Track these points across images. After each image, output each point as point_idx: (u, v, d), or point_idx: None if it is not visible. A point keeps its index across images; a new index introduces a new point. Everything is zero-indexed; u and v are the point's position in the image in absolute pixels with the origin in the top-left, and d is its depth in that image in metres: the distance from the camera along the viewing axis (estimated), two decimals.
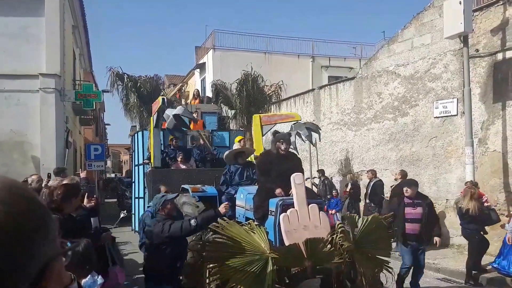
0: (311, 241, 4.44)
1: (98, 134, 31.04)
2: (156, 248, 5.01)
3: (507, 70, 9.58)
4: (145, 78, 16.70)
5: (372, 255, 4.98)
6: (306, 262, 4.47)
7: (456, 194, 10.60)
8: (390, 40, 13.01)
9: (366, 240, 4.90)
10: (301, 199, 4.97)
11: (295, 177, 5.11)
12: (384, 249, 5.17)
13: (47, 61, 12.83)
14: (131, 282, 8.16)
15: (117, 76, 16.32)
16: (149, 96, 15.76)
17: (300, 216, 4.89)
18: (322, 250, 4.52)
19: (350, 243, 4.64)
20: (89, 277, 3.52)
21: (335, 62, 25.20)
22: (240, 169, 7.58)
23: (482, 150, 10.04)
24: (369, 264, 4.84)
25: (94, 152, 17.34)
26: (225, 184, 7.53)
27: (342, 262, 4.59)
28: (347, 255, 4.58)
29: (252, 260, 4.42)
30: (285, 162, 5.87)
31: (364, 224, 4.96)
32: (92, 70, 26.21)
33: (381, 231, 5.12)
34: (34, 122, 12.70)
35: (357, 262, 4.67)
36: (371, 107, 13.26)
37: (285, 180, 5.49)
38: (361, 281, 4.69)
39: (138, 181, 12.14)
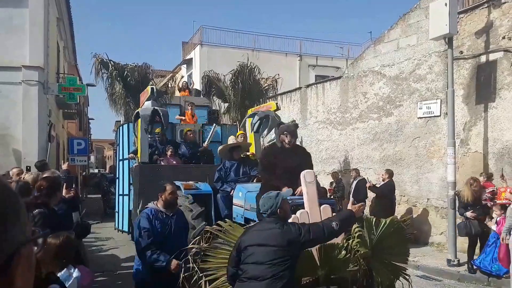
0: (325, 247, 4.01)
1: (82, 129, 30.69)
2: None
3: (490, 73, 9.72)
4: (133, 66, 15.40)
5: (389, 262, 4.54)
6: (319, 270, 4.06)
7: (437, 194, 10.78)
8: (377, 40, 13.10)
9: (383, 246, 4.44)
10: (312, 199, 4.52)
11: (305, 174, 4.64)
12: (401, 255, 4.71)
13: (31, 53, 12.66)
14: (114, 277, 8.13)
15: (101, 63, 15.15)
16: (136, 86, 14.71)
17: (311, 218, 4.40)
18: (337, 257, 4.09)
19: (367, 248, 4.21)
20: (65, 270, 3.50)
21: (323, 62, 25.35)
22: (236, 165, 7.13)
23: (464, 150, 10.19)
24: (386, 271, 4.43)
25: (77, 147, 17.18)
26: (220, 181, 7.06)
27: (357, 270, 4.16)
28: (363, 262, 4.16)
29: None
30: (292, 156, 5.39)
31: (382, 228, 4.45)
32: (77, 64, 25.93)
33: (398, 235, 4.65)
34: (16, 115, 12.52)
35: (374, 270, 4.28)
36: (357, 107, 13.35)
37: (291, 177, 5.10)
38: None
39: (123, 177, 11.63)
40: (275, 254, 3.44)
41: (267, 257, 3.43)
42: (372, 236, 4.34)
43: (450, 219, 9.08)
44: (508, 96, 9.39)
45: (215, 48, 23.27)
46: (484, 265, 8.02)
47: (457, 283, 8.10)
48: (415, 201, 11.40)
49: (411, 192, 11.50)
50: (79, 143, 17.55)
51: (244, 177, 6.98)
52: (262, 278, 3.37)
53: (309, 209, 4.44)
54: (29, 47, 12.63)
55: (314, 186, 4.60)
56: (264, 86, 15.76)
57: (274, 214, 3.70)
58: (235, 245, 3.74)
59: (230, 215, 6.24)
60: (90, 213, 16.61)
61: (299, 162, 5.22)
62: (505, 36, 9.47)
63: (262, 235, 3.57)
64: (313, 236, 3.60)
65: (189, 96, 12.86)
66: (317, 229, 3.68)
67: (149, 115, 8.12)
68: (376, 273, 4.27)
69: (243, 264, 3.53)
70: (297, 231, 3.57)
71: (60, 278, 3.39)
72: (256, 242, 3.54)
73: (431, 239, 10.81)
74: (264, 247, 3.48)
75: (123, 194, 11.59)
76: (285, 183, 5.09)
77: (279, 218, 3.68)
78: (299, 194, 4.98)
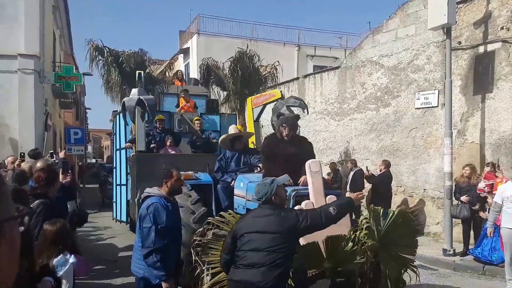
0: (331, 239, 3.90)
1: (79, 118, 30.62)
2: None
3: (488, 63, 9.71)
4: (129, 53, 14.97)
5: (397, 254, 4.42)
6: (326, 263, 3.97)
7: (434, 184, 10.82)
8: (375, 30, 13.05)
9: (391, 237, 4.31)
10: (317, 189, 4.39)
11: (311, 164, 4.50)
12: (409, 246, 4.59)
13: (26, 42, 12.57)
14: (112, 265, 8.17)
15: (97, 49, 14.61)
16: (132, 73, 13.76)
17: None
18: (343, 250, 3.99)
19: (374, 240, 4.09)
20: (61, 256, 3.58)
21: (321, 52, 25.27)
22: (236, 154, 6.92)
23: (461, 141, 10.21)
24: (394, 264, 4.30)
25: (74, 136, 17.11)
26: (220, 171, 6.84)
27: (365, 263, 4.06)
28: (370, 255, 4.05)
29: None
30: (293, 146, 5.26)
31: (390, 219, 4.32)
32: (73, 52, 25.74)
33: (406, 227, 4.51)
34: (12, 104, 12.47)
35: (381, 262, 4.16)
36: (355, 97, 13.33)
37: (292, 167, 4.97)
38: (385, 284, 4.21)
39: (120, 167, 11.41)
40: (274, 241, 3.41)
41: (265, 244, 3.40)
42: (379, 227, 4.22)
43: (446, 209, 9.12)
44: (505, 87, 9.39)
45: (213, 38, 23.15)
46: (483, 255, 8.13)
47: (453, 272, 8.18)
48: (412, 192, 11.44)
49: (407, 183, 11.54)
50: (76, 133, 17.47)
51: (245, 167, 6.79)
52: (260, 265, 3.35)
53: (315, 200, 4.30)
54: (25, 35, 12.53)
55: (320, 176, 4.46)
56: (264, 74, 15.33)
57: (269, 201, 3.64)
58: (229, 232, 3.68)
59: (231, 206, 6.09)
60: (88, 202, 16.65)
61: (301, 152, 5.13)
62: (503, 27, 9.44)
63: (260, 222, 3.52)
64: (311, 222, 3.53)
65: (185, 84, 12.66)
66: (315, 214, 3.62)
67: (133, 106, 7.79)
68: (383, 265, 4.16)
69: (240, 251, 3.50)
70: (295, 217, 3.53)
71: (56, 263, 3.48)
72: (254, 229, 3.50)
73: (427, 229, 10.88)
74: (263, 234, 3.45)
75: (120, 184, 11.37)
76: (287, 173, 4.81)
77: (274, 205, 3.62)
78: (302, 183, 4.86)
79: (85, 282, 6.82)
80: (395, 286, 4.27)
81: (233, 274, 3.52)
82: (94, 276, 7.42)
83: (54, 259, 3.51)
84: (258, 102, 8.87)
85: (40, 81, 12.90)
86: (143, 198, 4.29)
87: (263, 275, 3.33)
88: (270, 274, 3.33)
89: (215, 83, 14.53)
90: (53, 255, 3.52)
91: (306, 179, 4.70)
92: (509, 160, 9.26)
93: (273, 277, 3.34)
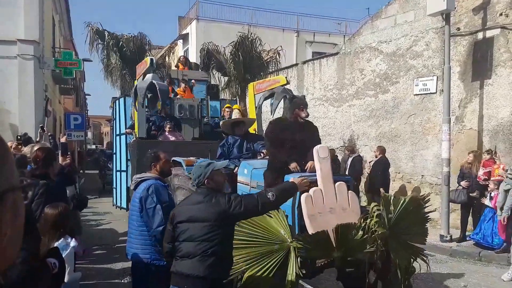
0: (342, 227, 3.73)
1: (79, 104, 30.60)
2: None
3: (487, 50, 9.72)
4: (128, 36, 14.64)
5: (407, 243, 4.27)
6: (335, 252, 3.80)
7: (432, 171, 10.90)
8: (374, 16, 13.00)
9: (401, 225, 4.16)
10: (326, 175, 4.19)
11: (319, 149, 4.31)
12: (420, 235, 4.43)
13: (26, 27, 12.56)
14: (112, 250, 8.28)
15: (96, 33, 14.38)
16: (132, 57, 14.10)
17: (325, 197, 4.12)
18: (353, 238, 3.83)
19: (385, 228, 3.94)
20: (62, 240, 3.61)
21: (320, 38, 25.15)
22: (239, 140, 6.73)
23: (459, 127, 10.26)
24: (404, 253, 4.16)
25: (74, 122, 17.15)
26: (223, 158, 6.51)
27: (374, 252, 3.90)
28: (380, 243, 3.89)
29: (271, 251, 3.74)
30: (300, 131, 5.03)
31: (401, 206, 4.16)
32: (72, 38, 25.63)
33: (417, 214, 4.36)
34: (12, 90, 12.50)
35: (391, 251, 4.02)
36: (353, 84, 13.34)
37: (299, 153, 4.82)
38: (395, 273, 4.08)
39: (120, 153, 11.35)
40: (204, 229, 3.24)
41: (197, 233, 3.25)
42: (390, 215, 4.06)
43: (444, 195, 9.19)
44: (504, 73, 9.41)
45: (212, 23, 23.03)
46: (485, 240, 8.26)
47: (449, 258, 8.28)
48: (410, 178, 11.51)
49: (406, 169, 11.61)
50: (75, 118, 17.51)
51: (248, 153, 6.63)
52: (192, 255, 3.23)
53: (323, 187, 4.14)
54: (24, 20, 12.52)
55: (328, 162, 4.28)
56: (266, 59, 15.02)
57: (202, 185, 3.46)
58: (169, 219, 3.52)
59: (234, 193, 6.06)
60: (88, 188, 16.75)
61: (308, 137, 4.98)
62: (502, 13, 9.43)
63: (191, 210, 3.36)
64: (244, 208, 3.32)
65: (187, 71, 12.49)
66: (250, 200, 3.40)
67: (144, 88, 7.75)
68: (393, 254, 4.01)
69: (176, 242, 3.38)
70: (227, 203, 3.31)
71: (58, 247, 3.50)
72: (185, 217, 3.35)
73: None
74: (194, 223, 3.29)
75: (120, 170, 11.34)
76: (293, 158, 4.83)
77: (209, 190, 3.42)
78: (309, 169, 4.72)
79: (85, 266, 6.94)
80: (405, 276, 4.16)
81: (173, 266, 3.39)
82: (94, 260, 7.54)
83: (55, 242, 3.54)
84: (261, 88, 8.70)
85: (39, 66, 12.91)
86: (135, 184, 4.21)
87: (195, 266, 3.21)
88: (202, 264, 3.20)
89: (215, 68, 14.24)
90: (54, 239, 3.55)
91: (314, 165, 4.56)
92: (507, 147, 9.32)
93: (206, 266, 3.20)
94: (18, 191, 0.93)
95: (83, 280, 5.98)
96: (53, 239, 3.54)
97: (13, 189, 0.90)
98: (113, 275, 6.79)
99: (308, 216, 4.00)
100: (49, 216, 3.60)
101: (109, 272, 6.96)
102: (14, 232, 0.91)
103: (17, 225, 0.93)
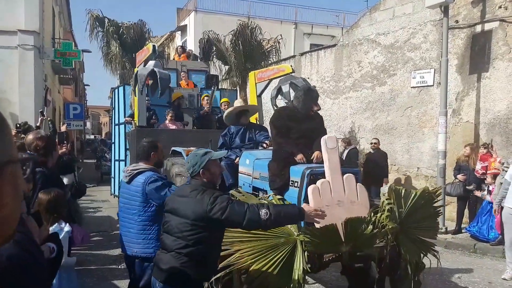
0: (351, 221, 3.55)
1: (78, 95, 30.60)
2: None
3: (485, 43, 9.75)
4: (128, 24, 14.37)
5: (418, 237, 4.13)
6: (344, 246, 3.64)
7: (427, 163, 10.98)
8: (373, 8, 13.01)
9: (412, 219, 4.01)
10: (334, 167, 4.03)
11: (327, 139, 4.13)
12: (431, 229, 4.29)
13: (26, 18, 12.62)
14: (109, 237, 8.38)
15: (96, 20, 14.11)
16: (132, 45, 13.88)
17: (333, 189, 3.96)
18: (363, 233, 3.65)
19: (396, 223, 3.79)
20: (56, 225, 3.66)
21: (318, 30, 25.17)
22: (241, 130, 6.48)
23: (456, 120, 10.32)
24: (414, 248, 4.03)
25: (73, 112, 17.29)
26: (224, 147, 6.37)
27: (384, 247, 3.78)
28: (391, 238, 3.76)
29: (277, 244, 3.57)
30: (307, 120, 4.88)
31: (412, 200, 4.01)
32: (72, 29, 25.63)
33: (428, 208, 4.23)
34: (12, 79, 12.58)
35: (402, 246, 3.88)
36: (351, 76, 13.38)
37: (305, 142, 4.70)
38: (405, 269, 3.96)
39: (119, 142, 11.18)
40: (181, 226, 3.03)
41: (175, 228, 3.07)
42: (400, 209, 3.92)
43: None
44: (501, 66, 9.45)
45: (210, 15, 23.03)
46: (481, 233, 8.34)
47: (444, 249, 8.29)
48: (406, 170, 11.59)
49: (401, 161, 11.69)
50: (75, 108, 17.66)
51: (250, 144, 6.42)
52: (169, 250, 3.08)
53: (331, 179, 3.98)
54: (25, 11, 12.58)
55: (336, 152, 4.13)
56: (267, 48, 14.82)
57: (197, 175, 3.19)
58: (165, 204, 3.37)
59: (235, 184, 5.79)
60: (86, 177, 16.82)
61: (315, 126, 4.85)
62: (501, 6, 9.44)
63: (177, 202, 3.16)
64: (226, 217, 2.96)
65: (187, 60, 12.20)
66: (237, 210, 3.00)
67: (145, 75, 7.62)
68: (404, 250, 3.87)
69: (162, 232, 3.24)
70: (209, 205, 2.96)
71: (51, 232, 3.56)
72: (171, 208, 3.18)
73: None
74: (174, 216, 3.11)
75: (119, 159, 11.23)
76: (299, 148, 4.66)
77: (201, 183, 3.17)
78: (316, 160, 4.55)
79: (83, 252, 7.05)
80: (415, 272, 4.00)
81: (155, 255, 3.28)
82: (92, 247, 7.64)
83: (49, 227, 3.55)
84: (264, 76, 8.46)
85: (40, 57, 13.00)
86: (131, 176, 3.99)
87: (170, 261, 3.05)
88: (176, 261, 3.02)
89: (216, 57, 14.09)
90: (48, 224, 3.56)
91: (320, 156, 4.40)
92: (503, 140, 9.39)
93: (179, 265, 3.01)
94: (17, 164, 0.92)
95: (81, 265, 6.11)
96: (47, 224, 3.55)
97: (12, 161, 0.90)
98: (110, 261, 6.91)
99: None
100: (42, 201, 3.63)
101: (106, 258, 7.07)
102: (14, 202, 0.90)
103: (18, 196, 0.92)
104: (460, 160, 9.18)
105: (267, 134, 6.52)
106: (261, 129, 6.77)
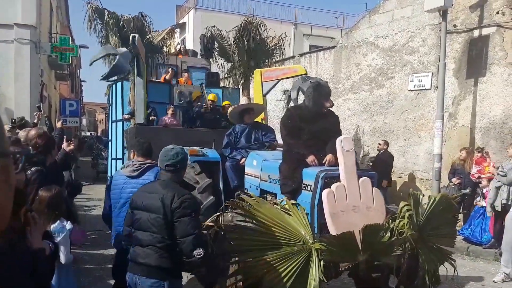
0: (369, 228, 3.36)
1: (74, 91, 30.49)
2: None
3: (482, 47, 9.78)
4: (129, 17, 13.76)
5: (435, 245, 3.94)
6: (361, 255, 3.43)
7: (423, 166, 11.00)
8: (372, 10, 13.02)
9: (430, 226, 3.83)
10: (350, 170, 3.83)
11: (343, 140, 3.91)
12: (448, 237, 4.10)
13: (23, 11, 12.52)
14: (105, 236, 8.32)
15: (95, 11, 13.48)
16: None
17: (348, 194, 3.76)
18: (381, 240, 3.47)
19: (414, 230, 3.61)
20: (57, 223, 3.64)
21: (317, 31, 25.19)
22: (247, 129, 6.22)
23: (452, 124, 10.35)
24: (432, 256, 3.84)
25: (69, 108, 17.20)
26: (229, 147, 6.12)
27: (402, 255, 3.61)
28: (408, 246, 3.60)
29: (291, 253, 3.34)
30: (320, 120, 4.63)
31: (431, 206, 3.85)
32: (69, 24, 25.52)
33: (446, 215, 4.05)
34: (8, 74, 12.50)
35: (420, 254, 3.71)
36: (349, 78, 13.39)
37: (316, 144, 4.51)
38: (423, 278, 3.78)
39: (116, 140, 10.97)
40: (155, 221, 3.11)
41: (148, 224, 3.14)
42: (418, 215, 3.74)
43: (434, 190, 9.30)
44: (498, 71, 9.49)
45: (209, 13, 23.01)
46: (474, 236, 8.39)
47: None
48: (401, 173, 11.62)
49: (397, 164, 11.68)
50: (71, 104, 17.55)
51: (256, 144, 6.16)
52: (145, 244, 3.16)
53: (347, 182, 3.79)
54: (21, 4, 12.49)
55: (353, 154, 3.91)
56: (271, 46, 14.34)
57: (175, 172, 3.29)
58: (130, 202, 3.42)
59: (241, 186, 5.61)
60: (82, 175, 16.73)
61: (328, 127, 4.63)
62: (499, 11, 9.48)
63: (146, 198, 3.22)
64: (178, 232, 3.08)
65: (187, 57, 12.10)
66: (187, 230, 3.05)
67: (108, 53, 7.42)
68: (422, 258, 3.71)
69: (133, 229, 3.30)
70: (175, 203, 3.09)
71: (54, 230, 3.54)
72: (141, 205, 3.24)
73: None
74: (146, 212, 3.18)
75: (116, 158, 11.02)
76: (312, 150, 4.48)
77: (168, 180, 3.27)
78: (328, 164, 4.38)
79: (79, 251, 7.00)
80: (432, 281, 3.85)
81: (129, 253, 3.34)
82: (88, 246, 7.60)
83: (51, 225, 3.56)
84: (272, 76, 8.18)
85: (36, 51, 12.90)
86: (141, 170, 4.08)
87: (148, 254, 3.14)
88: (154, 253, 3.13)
89: (218, 54, 13.80)
90: (49, 221, 3.55)
91: (332, 160, 4.27)
92: (498, 144, 9.42)
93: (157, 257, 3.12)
94: (9, 158, 0.91)
95: (76, 264, 6.07)
96: (49, 221, 3.55)
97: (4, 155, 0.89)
98: (106, 260, 6.85)
99: (330, 215, 3.65)
100: (42, 198, 3.62)
101: (102, 258, 7.03)
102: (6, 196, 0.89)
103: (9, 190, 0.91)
104: (456, 163, 9.22)
105: (273, 137, 6.33)
106: (267, 130, 6.52)
